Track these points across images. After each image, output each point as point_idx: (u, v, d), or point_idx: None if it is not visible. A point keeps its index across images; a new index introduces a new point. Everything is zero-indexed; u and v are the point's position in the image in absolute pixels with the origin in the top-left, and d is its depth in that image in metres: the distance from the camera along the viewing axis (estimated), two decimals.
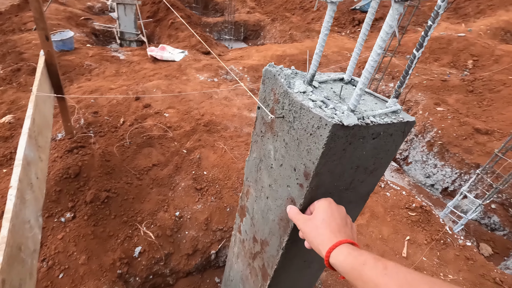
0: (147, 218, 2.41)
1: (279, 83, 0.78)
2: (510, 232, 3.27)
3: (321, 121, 0.66)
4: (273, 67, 0.82)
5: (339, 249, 0.63)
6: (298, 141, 0.75)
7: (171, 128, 3.21)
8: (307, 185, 0.76)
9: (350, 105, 0.69)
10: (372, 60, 0.62)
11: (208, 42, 6.08)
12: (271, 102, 0.83)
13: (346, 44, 6.94)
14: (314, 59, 0.78)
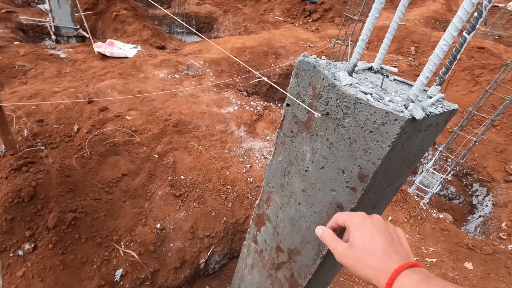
0: (124, 236, 2.14)
1: (321, 75, 0.68)
2: (465, 200, 3.66)
3: (387, 116, 0.58)
4: (309, 58, 0.71)
5: (401, 282, 0.49)
6: (350, 140, 0.67)
7: (137, 132, 2.91)
8: (362, 188, 0.69)
9: (411, 96, 0.62)
10: (444, 44, 0.56)
11: (161, 36, 5.66)
12: (308, 97, 0.73)
13: (302, 34, 7.05)
14: (358, 46, 0.69)
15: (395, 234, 0.59)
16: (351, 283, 2.10)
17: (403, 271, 0.49)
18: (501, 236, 2.68)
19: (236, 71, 4.97)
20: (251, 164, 2.90)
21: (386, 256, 0.53)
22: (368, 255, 0.55)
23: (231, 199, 2.59)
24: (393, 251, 0.54)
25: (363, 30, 0.66)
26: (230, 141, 3.14)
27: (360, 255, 0.56)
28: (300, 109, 0.76)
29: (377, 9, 0.63)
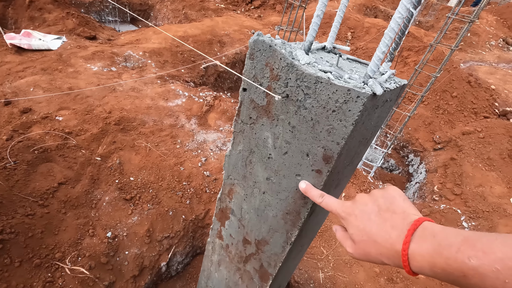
0: (69, 251, 1.90)
1: (278, 55, 0.64)
2: (403, 170, 4.08)
3: (349, 94, 0.57)
4: (264, 37, 0.66)
5: (414, 258, 0.44)
6: (313, 121, 0.64)
7: (72, 134, 2.57)
8: (327, 170, 0.67)
9: (369, 72, 0.61)
10: (399, 16, 0.55)
11: (90, 24, 5.05)
12: (266, 80, 0.68)
13: (245, 22, 6.96)
14: (313, 23, 0.66)
15: (383, 204, 0.53)
16: (314, 261, 2.19)
17: (409, 246, 0.45)
18: (434, 198, 3.05)
19: (180, 61, 4.71)
20: (206, 157, 2.80)
21: (387, 236, 0.48)
22: (371, 245, 0.51)
23: (188, 195, 2.47)
24: (390, 226, 0.49)
25: (318, 5, 0.63)
26: (181, 135, 2.98)
27: (365, 248, 0.52)
28: (258, 93, 0.72)
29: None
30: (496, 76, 6.57)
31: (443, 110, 4.15)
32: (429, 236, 0.43)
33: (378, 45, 0.60)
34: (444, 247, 0.40)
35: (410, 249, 0.44)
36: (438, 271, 0.41)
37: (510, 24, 10.42)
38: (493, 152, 3.35)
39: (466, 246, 0.38)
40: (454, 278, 0.39)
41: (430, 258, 0.41)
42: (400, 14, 0.55)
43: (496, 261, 0.34)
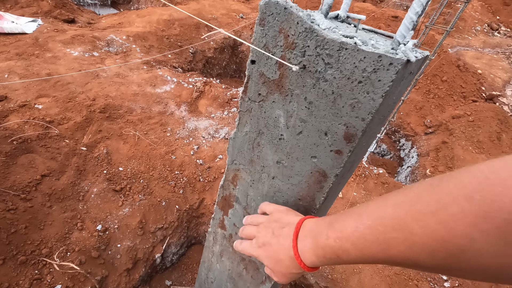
0: (57, 247, 1.80)
1: (295, 18, 0.55)
2: (394, 154, 4.11)
3: (380, 61, 0.49)
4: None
5: (304, 227, 0.52)
6: (334, 95, 0.57)
7: (54, 122, 2.41)
8: (349, 150, 0.61)
9: (397, 37, 0.54)
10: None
11: (68, 7, 4.73)
12: (279, 49, 0.60)
13: (232, 5, 6.72)
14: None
15: (275, 226, 0.59)
16: None
17: (298, 247, 0.49)
18: None
19: (167, 46, 4.51)
20: (198, 145, 2.70)
21: (284, 249, 0.53)
22: (280, 264, 0.54)
23: (181, 185, 2.38)
24: (283, 239, 0.54)
25: None
26: (171, 123, 2.86)
27: (280, 271, 0.55)
28: (269, 66, 0.63)
29: None
30: (482, 61, 6.67)
31: (433, 94, 4.17)
32: (308, 232, 0.49)
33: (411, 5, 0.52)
34: (318, 237, 0.45)
35: (299, 250, 0.48)
36: (324, 260, 0.45)
37: (494, 9, 10.56)
38: (483, 135, 3.40)
39: (331, 231, 0.43)
40: (334, 258, 0.43)
41: (314, 251, 0.46)
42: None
43: (350, 236, 0.40)
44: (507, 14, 10.75)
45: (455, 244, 0.28)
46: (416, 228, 0.32)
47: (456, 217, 0.28)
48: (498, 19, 10.52)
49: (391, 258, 0.36)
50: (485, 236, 0.26)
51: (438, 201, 0.30)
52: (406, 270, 2.01)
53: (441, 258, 0.30)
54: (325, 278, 1.99)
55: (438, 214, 0.30)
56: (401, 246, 0.33)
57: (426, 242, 0.31)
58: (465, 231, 0.27)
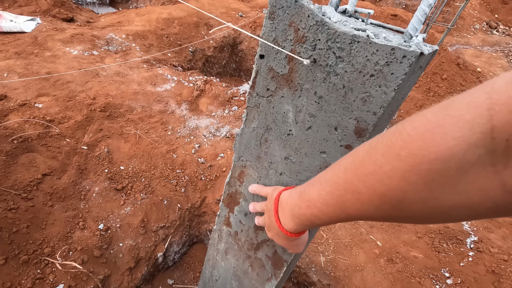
0: (59, 246, 1.79)
1: (306, 11, 0.54)
2: None
3: (393, 54, 0.49)
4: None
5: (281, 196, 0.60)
6: (345, 89, 0.56)
7: (54, 121, 2.40)
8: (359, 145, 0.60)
9: (409, 30, 0.54)
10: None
11: (67, 5, 4.70)
12: (289, 43, 0.59)
13: (232, 4, 6.70)
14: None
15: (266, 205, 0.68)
16: (314, 245, 2.17)
17: (280, 220, 0.57)
18: None
19: (166, 45, 4.49)
20: (199, 144, 2.69)
21: (272, 224, 0.61)
22: (274, 236, 0.65)
23: (183, 183, 2.38)
24: (268, 217, 0.64)
25: None
26: (172, 122, 2.85)
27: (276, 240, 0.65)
28: (279, 60, 0.63)
29: None
30: (481, 59, 6.68)
31: (433, 92, 4.17)
32: (285, 204, 0.56)
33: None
34: (293, 209, 0.51)
35: (282, 222, 0.56)
36: (303, 226, 0.51)
37: (492, 7, 10.57)
38: None
39: (301, 201, 0.49)
40: (309, 223, 0.49)
41: (293, 221, 0.52)
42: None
43: (316, 203, 0.45)
44: (506, 12, 10.78)
45: (393, 197, 0.32)
46: (362, 188, 0.36)
47: (389, 174, 0.32)
48: (496, 17, 10.54)
49: (351, 215, 0.40)
50: (414, 186, 0.30)
51: (375, 162, 0.34)
52: (409, 268, 2.01)
53: (386, 210, 0.34)
54: (328, 276, 1.99)
55: (376, 174, 0.33)
56: (355, 205, 0.38)
57: (372, 199, 0.35)
58: (398, 185, 0.31)
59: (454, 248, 2.14)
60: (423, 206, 0.31)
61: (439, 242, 2.20)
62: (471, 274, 1.93)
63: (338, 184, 0.40)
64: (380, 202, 0.34)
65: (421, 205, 0.31)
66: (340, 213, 0.41)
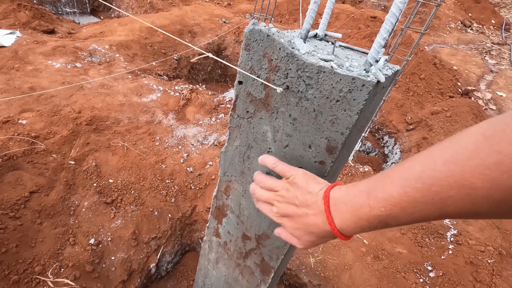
0: (50, 263, 1.79)
1: (277, 44, 0.61)
2: (379, 151, 4.25)
3: (354, 83, 0.56)
4: (262, 26, 0.63)
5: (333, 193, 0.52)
6: (315, 112, 0.63)
7: (39, 137, 2.38)
8: (331, 161, 0.67)
9: (369, 59, 0.61)
10: (400, 1, 0.54)
11: (47, 17, 4.64)
12: (264, 71, 0.65)
13: (215, 10, 6.76)
14: (310, 9, 0.64)
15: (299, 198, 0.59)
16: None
17: (335, 223, 0.49)
18: None
19: (151, 54, 4.50)
20: (187, 153, 2.72)
21: (317, 225, 0.53)
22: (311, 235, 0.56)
23: (172, 193, 2.40)
24: (313, 216, 0.54)
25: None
26: (159, 132, 2.87)
27: (309, 239, 0.56)
28: (256, 86, 0.69)
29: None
30: (457, 57, 6.97)
31: (413, 92, 4.34)
32: (342, 205, 0.48)
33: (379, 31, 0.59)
34: (360, 210, 0.45)
35: (337, 226, 0.48)
36: (369, 229, 0.46)
37: (466, 6, 11.03)
38: (460, 129, 3.57)
39: (373, 201, 0.43)
40: (382, 225, 0.44)
41: (356, 224, 0.46)
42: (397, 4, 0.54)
43: (399, 203, 0.39)
44: (478, 11, 11.25)
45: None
46: (478, 183, 0.31)
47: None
48: (470, 16, 10.99)
49: (448, 214, 0.36)
50: None
51: (500, 152, 0.29)
52: (394, 264, 2.10)
53: (508, 206, 0.30)
54: (318, 276, 2.06)
55: (503, 165, 0.29)
56: (462, 202, 0.33)
57: (491, 194, 0.31)
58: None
59: (435, 242, 2.25)
60: None
61: (421, 237, 2.31)
62: (451, 266, 2.04)
63: (436, 179, 0.35)
64: (503, 197, 0.30)
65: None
66: (433, 212, 0.36)
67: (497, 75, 6.42)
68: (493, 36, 9.66)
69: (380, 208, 0.41)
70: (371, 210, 0.43)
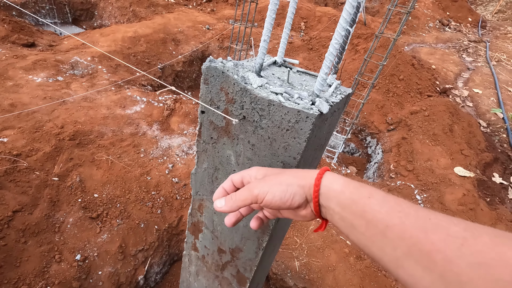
0: (36, 282, 1.80)
1: (231, 80, 0.67)
2: (363, 152, 4.37)
3: (299, 114, 0.62)
4: (216, 62, 0.69)
5: (328, 178, 0.49)
6: (270, 140, 0.69)
7: (22, 155, 2.38)
8: None
9: (315, 91, 0.68)
10: (336, 42, 0.61)
11: (26, 30, 4.59)
12: (222, 103, 0.71)
13: (198, 17, 6.80)
14: (261, 46, 0.70)
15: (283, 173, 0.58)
16: (289, 251, 2.30)
17: (327, 172, 0.50)
18: (391, 176, 3.33)
19: (134, 64, 4.51)
20: (172, 163, 2.76)
21: (300, 173, 0.53)
22: (283, 175, 0.54)
23: (158, 205, 2.43)
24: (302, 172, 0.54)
25: (264, 31, 0.67)
26: (144, 143, 2.89)
27: (276, 178, 0.54)
28: (217, 116, 0.74)
29: (271, 17, 0.64)
30: (436, 56, 7.21)
31: (392, 93, 4.48)
32: (332, 196, 0.47)
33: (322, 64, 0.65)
34: (348, 209, 0.44)
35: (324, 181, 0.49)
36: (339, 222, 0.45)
37: (444, 6, 11.39)
38: (437, 128, 3.72)
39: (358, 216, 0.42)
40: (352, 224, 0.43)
41: (337, 216, 0.46)
42: (337, 40, 0.61)
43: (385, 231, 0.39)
44: (456, 9, 11.64)
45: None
46: (440, 260, 0.33)
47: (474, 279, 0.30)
48: (448, 14, 11.35)
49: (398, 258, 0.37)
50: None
51: (465, 268, 0.31)
52: (375, 263, 2.19)
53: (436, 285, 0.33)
54: (303, 279, 2.12)
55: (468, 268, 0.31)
56: (412, 262, 0.35)
57: (437, 274, 0.33)
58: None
59: None
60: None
61: None
62: None
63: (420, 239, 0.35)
64: (442, 284, 0.32)
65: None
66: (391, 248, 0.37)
67: (474, 73, 6.67)
68: (470, 34, 10.02)
69: (362, 220, 0.41)
70: (354, 217, 0.42)
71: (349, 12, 0.57)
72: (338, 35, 0.60)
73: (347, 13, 0.58)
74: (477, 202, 2.79)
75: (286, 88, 0.71)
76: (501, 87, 5.90)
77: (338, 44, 0.62)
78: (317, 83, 0.66)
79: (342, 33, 0.60)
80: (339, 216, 0.45)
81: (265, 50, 0.70)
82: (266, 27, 0.67)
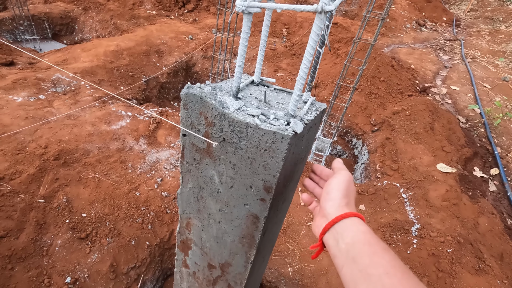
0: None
1: (210, 105, 0.70)
2: (349, 153, 4.46)
3: (275, 135, 0.66)
4: (194, 88, 0.72)
5: (345, 223, 0.65)
6: (250, 159, 0.72)
7: (4, 179, 2.33)
8: (270, 198, 0.76)
9: (290, 111, 0.71)
10: (305, 66, 0.65)
11: (4, 48, 4.50)
12: (202, 126, 0.74)
13: (180, 27, 6.82)
14: (237, 71, 0.74)
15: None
16: (281, 258, 2.32)
17: (352, 217, 0.65)
18: (377, 176, 3.42)
19: (118, 78, 4.48)
20: (161, 177, 2.75)
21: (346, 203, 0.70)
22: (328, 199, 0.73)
23: (149, 220, 2.42)
24: (346, 203, 0.70)
25: (238, 57, 0.71)
26: (131, 159, 2.87)
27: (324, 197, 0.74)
28: (198, 138, 0.77)
29: (245, 38, 0.68)
30: (414, 56, 7.46)
31: (374, 94, 4.60)
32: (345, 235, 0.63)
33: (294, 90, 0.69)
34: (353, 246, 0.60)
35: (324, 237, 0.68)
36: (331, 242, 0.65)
37: (419, 6, 11.80)
38: (419, 127, 3.85)
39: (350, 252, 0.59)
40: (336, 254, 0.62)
41: (333, 238, 0.65)
42: (305, 65, 0.65)
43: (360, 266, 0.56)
44: (431, 10, 12.08)
45: None
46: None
47: None
48: (424, 15, 11.77)
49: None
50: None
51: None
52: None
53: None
54: (296, 285, 2.15)
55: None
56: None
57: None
58: None
59: (402, 238, 2.42)
60: None
61: (389, 235, 2.47)
62: (416, 260, 2.20)
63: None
64: None
65: None
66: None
67: (451, 70, 6.93)
68: (446, 33, 10.41)
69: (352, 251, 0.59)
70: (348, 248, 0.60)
71: (314, 40, 0.62)
72: (306, 60, 0.64)
73: (313, 41, 0.62)
74: (460, 197, 2.89)
75: (263, 109, 0.75)
76: (477, 83, 6.15)
77: (307, 68, 0.66)
78: (291, 104, 0.70)
79: (309, 58, 0.64)
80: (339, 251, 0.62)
81: (240, 75, 0.73)
82: (240, 53, 0.71)
